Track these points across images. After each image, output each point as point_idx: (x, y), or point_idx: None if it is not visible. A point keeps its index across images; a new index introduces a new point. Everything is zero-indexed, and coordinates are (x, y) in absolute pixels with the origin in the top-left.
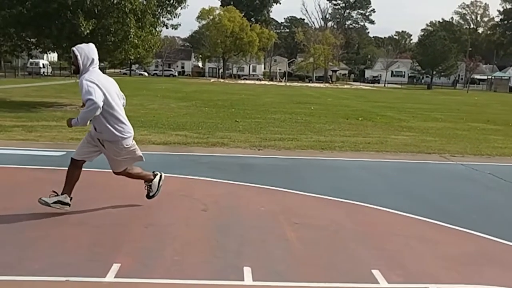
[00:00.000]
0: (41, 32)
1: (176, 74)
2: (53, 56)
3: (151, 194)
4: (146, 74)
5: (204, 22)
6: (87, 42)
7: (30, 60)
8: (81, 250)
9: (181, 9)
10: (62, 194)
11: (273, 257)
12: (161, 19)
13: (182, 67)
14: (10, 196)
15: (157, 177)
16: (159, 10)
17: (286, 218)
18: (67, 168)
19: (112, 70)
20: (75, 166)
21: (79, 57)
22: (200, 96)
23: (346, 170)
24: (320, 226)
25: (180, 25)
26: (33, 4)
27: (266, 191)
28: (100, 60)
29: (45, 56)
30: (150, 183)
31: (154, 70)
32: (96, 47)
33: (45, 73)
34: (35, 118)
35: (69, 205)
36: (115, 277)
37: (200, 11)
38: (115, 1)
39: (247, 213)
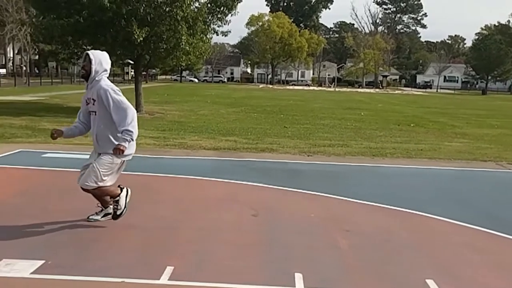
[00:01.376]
0: (97, 40)
1: (225, 80)
2: None
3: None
4: (196, 80)
5: (253, 28)
6: (141, 49)
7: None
8: (134, 252)
9: (231, 16)
10: (105, 207)
11: (324, 263)
12: (212, 26)
13: (231, 73)
14: (67, 199)
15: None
16: (209, 17)
17: (337, 225)
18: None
19: (164, 77)
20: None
21: (93, 62)
22: (249, 102)
23: (398, 177)
24: (372, 234)
25: (230, 31)
26: (89, 13)
27: (315, 197)
28: (152, 67)
29: None
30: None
31: (204, 76)
32: (148, 54)
33: None
34: None
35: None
36: (168, 279)
37: (250, 18)
38: (167, 9)
39: (297, 219)
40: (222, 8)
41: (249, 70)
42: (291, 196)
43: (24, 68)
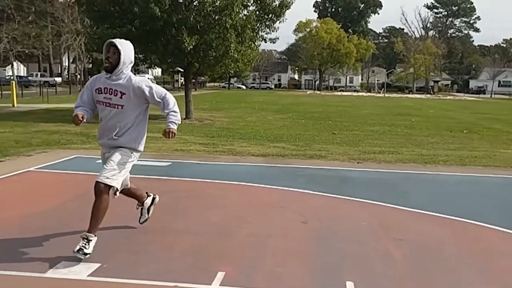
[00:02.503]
0: (148, 49)
1: (273, 86)
2: (157, 71)
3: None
4: (243, 87)
5: (301, 34)
6: (191, 57)
7: (137, 75)
8: (186, 257)
9: (279, 23)
10: (141, 203)
11: (377, 273)
12: (260, 33)
13: (279, 80)
14: (120, 203)
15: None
16: (258, 24)
17: (389, 234)
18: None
19: (212, 84)
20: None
21: (122, 53)
22: (296, 108)
23: (452, 185)
24: (425, 243)
25: (278, 38)
26: (141, 22)
27: (366, 205)
28: (201, 74)
29: (149, 71)
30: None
31: (252, 83)
32: (198, 62)
33: None
34: None
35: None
36: (220, 284)
37: (297, 24)
38: (216, 17)
39: (347, 226)
40: (270, 15)
41: (296, 77)
42: (341, 204)
43: (79, 76)
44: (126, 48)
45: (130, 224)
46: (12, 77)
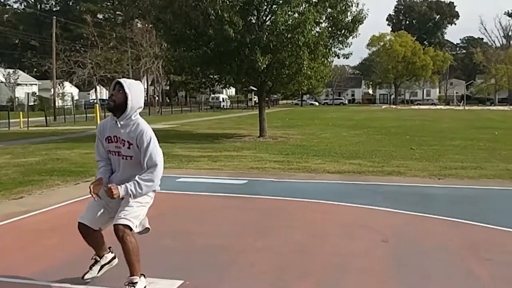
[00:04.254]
0: (223, 69)
1: (346, 102)
2: (231, 91)
3: None
4: (316, 103)
5: (374, 48)
6: (264, 76)
7: (212, 95)
8: (269, 276)
9: (352, 38)
10: (100, 256)
11: None
12: (333, 49)
13: (352, 95)
14: (199, 221)
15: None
16: (330, 41)
17: (474, 253)
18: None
19: (285, 101)
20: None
21: (129, 96)
22: (371, 124)
23: None
24: None
25: (351, 54)
26: (215, 44)
27: (449, 223)
28: (273, 92)
29: (224, 90)
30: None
31: (325, 99)
32: (271, 80)
33: (225, 107)
34: (218, 148)
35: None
36: None
37: (370, 38)
38: (289, 36)
39: (429, 245)
40: (343, 31)
41: (370, 91)
42: (423, 222)
43: (157, 98)
44: (134, 90)
45: (213, 242)
46: (95, 100)
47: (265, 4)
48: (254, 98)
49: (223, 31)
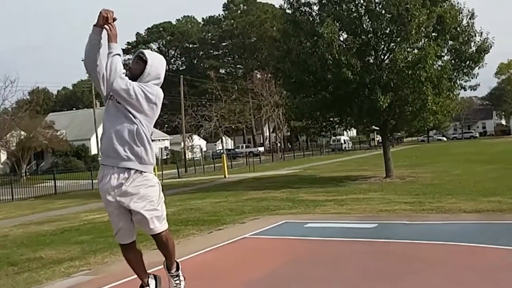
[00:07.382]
0: (343, 111)
1: (477, 135)
2: (352, 132)
3: None
4: (444, 138)
5: (504, 77)
6: (386, 115)
7: (333, 137)
8: None
9: (478, 68)
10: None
11: None
12: (458, 82)
13: (483, 127)
14: (331, 268)
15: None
16: (455, 73)
17: None
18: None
19: (409, 138)
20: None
21: (148, 61)
22: (508, 157)
23: None
24: None
25: (479, 85)
26: (334, 88)
27: None
28: (397, 130)
29: (345, 132)
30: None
31: (453, 134)
32: (394, 118)
33: (346, 148)
34: (344, 191)
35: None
36: None
37: (499, 66)
38: (409, 72)
39: None
40: (468, 63)
41: (503, 122)
42: None
43: (279, 144)
44: (155, 58)
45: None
46: (222, 151)
47: (383, 43)
48: (377, 137)
49: (342, 74)
